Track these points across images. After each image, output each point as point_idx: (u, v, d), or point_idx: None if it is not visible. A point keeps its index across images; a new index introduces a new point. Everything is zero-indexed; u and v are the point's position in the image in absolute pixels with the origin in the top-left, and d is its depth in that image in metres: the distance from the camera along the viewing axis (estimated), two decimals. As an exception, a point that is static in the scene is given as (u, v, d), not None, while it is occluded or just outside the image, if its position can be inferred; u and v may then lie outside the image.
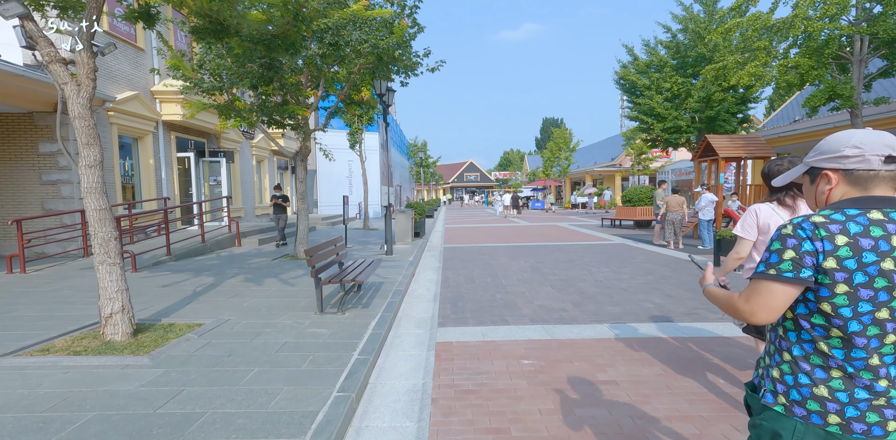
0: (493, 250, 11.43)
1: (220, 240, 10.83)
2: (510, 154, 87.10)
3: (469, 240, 14.06)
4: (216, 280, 7.02)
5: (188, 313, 5.09)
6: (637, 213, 16.49)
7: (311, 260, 4.93)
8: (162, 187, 11.91)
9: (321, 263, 5.37)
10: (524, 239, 14.04)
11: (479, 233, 16.10)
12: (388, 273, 7.73)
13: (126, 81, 10.70)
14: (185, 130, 13.02)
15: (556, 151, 38.98)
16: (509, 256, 10.27)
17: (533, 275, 7.90)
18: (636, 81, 19.00)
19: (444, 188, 78.68)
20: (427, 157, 44.34)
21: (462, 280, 7.60)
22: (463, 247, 12.28)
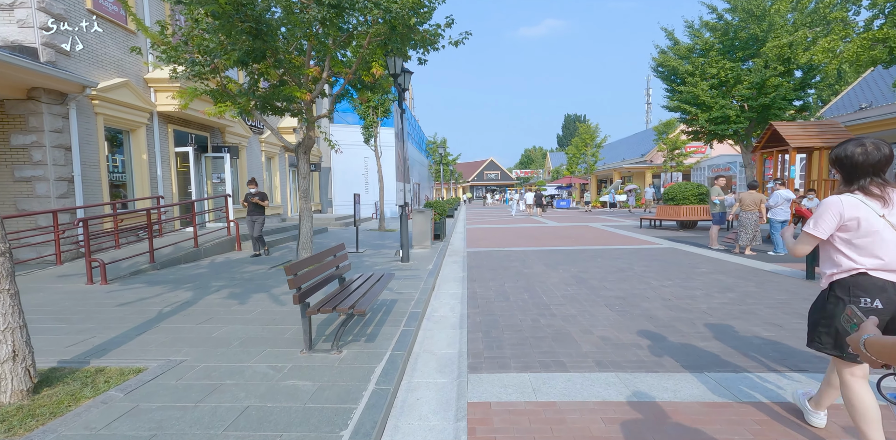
0: (523, 256, 9.99)
1: (218, 243, 9.67)
2: (531, 151, 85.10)
3: (495, 242, 12.64)
4: (193, 296, 5.78)
5: (135, 349, 3.83)
6: (681, 212, 14.80)
7: (295, 280, 3.60)
8: (157, 185, 10.83)
9: (310, 283, 4.05)
10: (556, 241, 12.55)
11: (504, 235, 14.66)
12: (404, 286, 6.39)
13: (114, 67, 9.62)
14: (184, 123, 11.94)
15: (581, 147, 37.17)
16: (545, 263, 8.82)
17: (580, 289, 6.45)
18: (677, 67, 17.25)
19: (464, 187, 77.29)
20: (447, 155, 42.98)
21: (493, 296, 6.20)
22: (489, 251, 10.87)
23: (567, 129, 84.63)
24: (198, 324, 4.53)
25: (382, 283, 4.76)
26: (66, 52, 8.41)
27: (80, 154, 8.61)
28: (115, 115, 9.49)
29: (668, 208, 15.34)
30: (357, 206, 10.10)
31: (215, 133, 13.42)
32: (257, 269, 7.84)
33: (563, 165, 51.24)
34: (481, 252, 10.75)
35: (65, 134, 8.31)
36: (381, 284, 4.71)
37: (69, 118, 8.37)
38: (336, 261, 4.80)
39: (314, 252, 8.62)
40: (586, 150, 36.97)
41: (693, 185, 15.12)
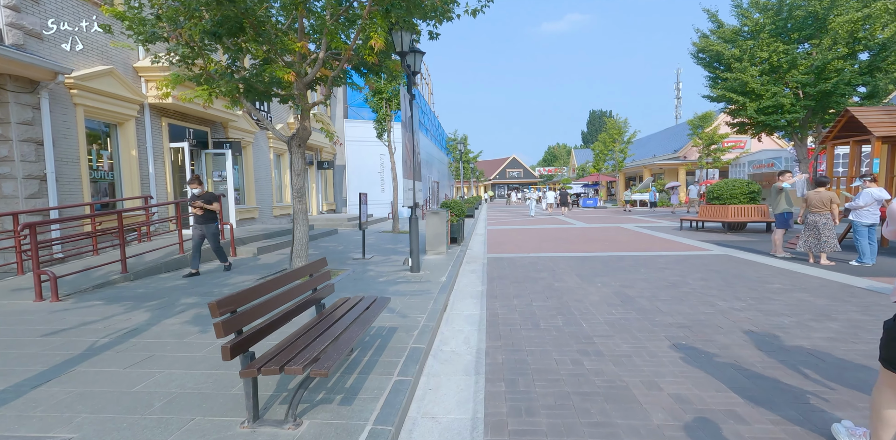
0: (552, 264, 8.70)
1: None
2: (555, 148, 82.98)
3: (519, 246, 11.36)
4: (148, 320, 4.72)
5: (10, 415, 2.74)
6: (729, 213, 13.20)
7: (229, 323, 2.43)
8: (150, 184, 9.94)
9: (262, 321, 2.89)
10: (588, 246, 11.18)
11: (529, 238, 13.35)
12: (409, 306, 5.21)
13: (97, 53, 8.72)
14: (181, 117, 11.04)
15: (609, 143, 35.36)
16: (578, 274, 7.51)
17: (627, 312, 5.15)
18: (722, 52, 15.57)
19: (486, 185, 75.83)
20: (467, 152, 41.70)
21: (518, 319, 4.96)
22: (512, 258, 9.60)
23: (592, 126, 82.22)
24: (126, 367, 3.43)
25: (373, 313, 3.58)
26: (38, 34, 7.51)
27: (54, 149, 7.72)
28: (98, 106, 8.60)
29: (713, 208, 13.74)
30: (363, 207, 8.98)
31: (217, 128, 12.51)
32: (242, 281, 6.78)
33: (589, 162, 49.35)
34: (503, 259, 9.49)
35: (36, 126, 7.42)
36: (371, 314, 3.54)
37: (41, 109, 7.48)
38: (314, 281, 3.64)
39: (314, 258, 7.55)
40: (614, 146, 35.14)
41: (742, 182, 13.49)
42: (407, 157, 6.87)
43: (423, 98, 28.13)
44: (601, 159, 37.11)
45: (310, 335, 3.08)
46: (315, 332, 3.14)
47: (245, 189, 14.04)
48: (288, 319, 3.10)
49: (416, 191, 7.22)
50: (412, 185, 7.13)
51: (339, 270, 7.53)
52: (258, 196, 14.48)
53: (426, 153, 27.44)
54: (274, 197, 15.76)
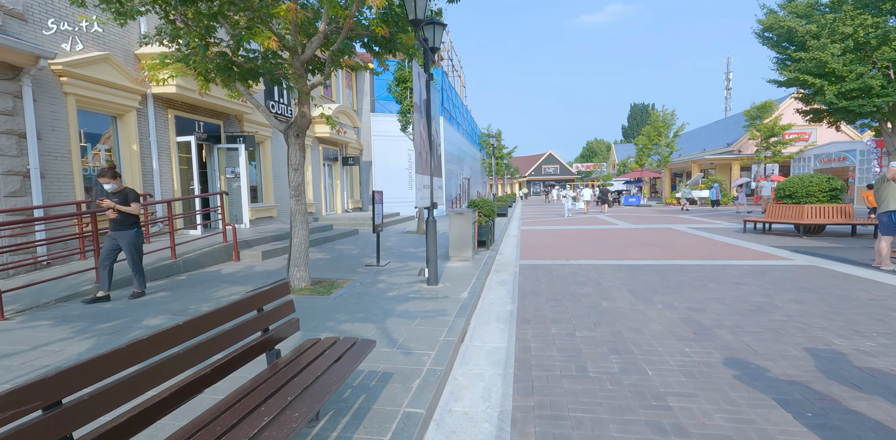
0: (596, 273, 7.35)
1: (209, 252, 7.85)
2: (594, 144, 79.93)
3: (556, 251, 10.01)
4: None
5: None
6: (805, 213, 11.34)
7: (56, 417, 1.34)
8: (154, 181, 9.23)
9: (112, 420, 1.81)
10: (638, 251, 9.70)
11: (568, 240, 11.95)
12: (415, 336, 4.05)
13: (92, 38, 8.01)
14: (189, 109, 10.30)
15: (654, 137, 33.04)
16: (630, 289, 6.16)
17: (707, 352, 3.81)
18: (795, 29, 13.56)
19: (520, 182, 73.93)
20: (501, 147, 40.19)
21: (558, 360, 3.72)
22: (548, 265, 8.30)
23: (633, 120, 78.71)
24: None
25: (344, 366, 2.44)
26: (20, 15, 6.81)
27: (39, 142, 7.03)
28: (93, 95, 7.89)
29: (783, 208, 11.90)
30: (378, 207, 7.91)
31: (231, 121, 11.76)
32: (231, 294, 5.82)
33: (631, 158, 46.84)
34: (539, 266, 8.20)
35: (17, 117, 6.72)
36: (342, 369, 2.40)
37: (22, 97, 6.78)
38: (261, 320, 2.53)
39: (320, 266, 6.57)
40: (660, 140, 32.80)
41: (821, 177, 11.58)
42: (421, 147, 5.70)
43: (455, 91, 26.94)
44: (644, 154, 34.80)
45: (241, 407, 1.97)
46: (250, 402, 2.03)
47: (263, 186, 13.30)
48: (211, 382, 2.01)
49: (433, 188, 6.05)
50: (428, 182, 5.96)
51: (343, 281, 6.48)
52: (277, 194, 13.72)
53: (457, 148, 26.26)
54: (295, 194, 14.98)
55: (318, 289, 5.92)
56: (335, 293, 5.73)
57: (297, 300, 5.38)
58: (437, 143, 6.59)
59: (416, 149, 5.57)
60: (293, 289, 5.90)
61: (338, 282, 6.37)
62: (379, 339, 4.01)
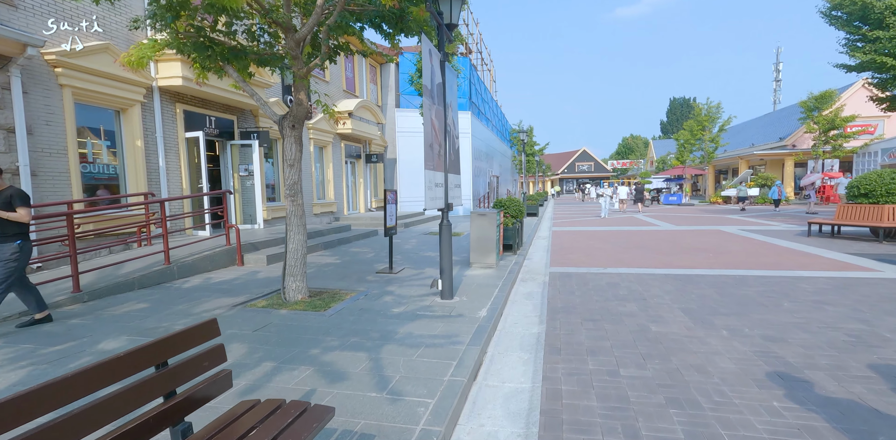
0: (640, 284, 6.30)
1: (212, 256, 7.25)
2: (630, 140, 77.00)
3: (592, 256, 8.96)
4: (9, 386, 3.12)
5: None
6: (884, 215, 9.83)
7: None
8: (160, 179, 8.75)
9: None
10: (687, 258, 8.53)
11: (604, 243, 10.84)
12: (413, 372, 3.21)
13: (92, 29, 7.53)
14: (200, 103, 9.80)
15: (697, 131, 31.00)
16: (684, 307, 5.11)
17: (808, 411, 2.79)
18: (870, 4, 11.90)
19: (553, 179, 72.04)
20: (532, 143, 38.86)
21: (598, 415, 2.80)
22: (583, 274, 7.29)
23: (673, 115, 75.35)
24: None
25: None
26: (9, 0, 6.35)
27: (30, 138, 6.58)
28: (92, 88, 7.42)
29: (858, 208, 10.39)
30: (391, 207, 7.11)
31: (245, 116, 11.24)
32: (218, 307, 5.13)
33: (671, 154, 44.58)
34: (572, 275, 7.21)
35: (5, 110, 6.28)
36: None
37: (11, 89, 6.32)
38: (160, 381, 1.72)
39: (304, 283, 5.87)
40: (703, 135, 30.74)
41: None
42: (433, 138, 4.83)
43: (484, 85, 25.95)
44: (686, 150, 32.75)
45: None
46: None
47: (280, 185, 12.76)
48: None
49: (447, 187, 5.17)
50: (441, 180, 5.09)
51: (347, 293, 5.71)
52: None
53: (486, 145, 25.28)
54: (315, 193, 14.44)
55: (316, 302, 5.17)
56: (333, 308, 4.96)
57: (287, 317, 4.63)
58: (453, 135, 5.71)
59: (425, 140, 4.71)
60: (287, 302, 5.18)
61: (340, 294, 5.60)
62: (367, 378, 3.19)
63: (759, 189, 26.62)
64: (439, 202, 5.15)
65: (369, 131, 17.17)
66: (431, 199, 4.86)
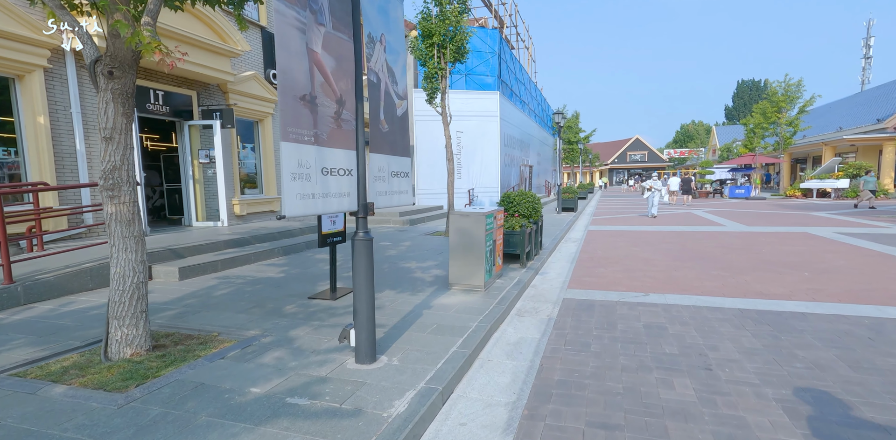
0: (701, 333, 3.85)
1: (97, 268, 5.44)
2: (689, 127, 70.82)
3: (630, 273, 6.48)
4: None
5: None
6: None
7: None
8: (77, 166, 7.09)
9: None
10: (770, 278, 5.88)
11: (650, 250, 8.24)
12: None
13: (-35, -30, 5.85)
14: (144, 73, 8.05)
15: (771, 114, 26.75)
16: (787, 401, 2.66)
17: None
18: None
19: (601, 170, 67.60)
20: (577, 129, 35.51)
21: None
22: (613, 304, 4.88)
23: (740, 99, 68.57)
24: None
25: None
26: None
27: None
28: (-36, 48, 5.75)
29: None
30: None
31: (211, 92, 9.44)
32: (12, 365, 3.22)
33: (738, 142, 39.82)
34: (595, 307, 4.82)
35: None
36: None
37: None
38: None
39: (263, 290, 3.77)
40: (779, 118, 26.46)
41: None
42: (315, 87, 2.61)
43: (519, 64, 23.22)
44: (757, 136, 28.50)
45: None
46: None
47: (263, 174, 11.00)
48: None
49: (360, 176, 2.96)
50: (340, 162, 2.89)
51: (222, 341, 3.67)
52: (281, 183, 11.36)
53: (520, 130, 22.62)
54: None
55: (146, 365, 3.15)
56: (155, 382, 2.91)
57: (44, 406, 2.64)
58: (391, 92, 3.48)
59: (284, 90, 2.51)
60: (107, 362, 3.20)
61: (208, 343, 3.56)
62: None
63: (850, 180, 22.37)
64: (326, 204, 2.92)
65: (379, 114, 15.11)
66: (302, 198, 2.65)
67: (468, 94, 17.63)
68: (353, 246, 3.19)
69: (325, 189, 2.80)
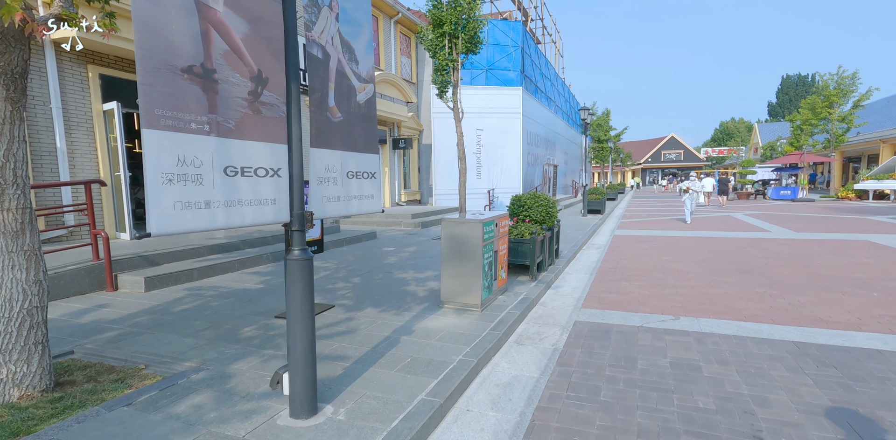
0: (748, 380, 2.96)
1: (61, 277, 4.95)
2: (729, 124, 67.46)
3: (659, 289, 5.56)
4: None
5: None
6: None
7: None
8: (58, 165, 6.70)
9: None
10: (830, 302, 4.87)
11: (682, 260, 7.24)
12: None
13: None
14: (128, 65, 7.63)
15: (821, 110, 24.71)
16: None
17: None
18: None
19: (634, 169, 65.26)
20: (607, 127, 34.03)
21: None
22: (634, 331, 4.01)
23: (784, 94, 64.91)
24: None
25: None
26: None
27: None
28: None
29: None
30: (304, 210, 4.30)
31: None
32: None
33: (782, 140, 37.42)
34: (612, 334, 3.96)
35: None
36: None
37: None
38: None
39: None
40: (830, 114, 24.41)
41: None
42: (209, 56, 1.93)
43: (545, 59, 22.17)
44: (805, 133, 26.44)
45: None
46: None
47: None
48: None
49: (294, 179, 2.27)
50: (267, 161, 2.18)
51: (148, 376, 3.05)
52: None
53: (545, 128, 21.58)
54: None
55: (28, 413, 2.54)
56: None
57: None
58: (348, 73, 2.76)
59: (150, 57, 1.83)
60: (-19, 404, 2.60)
61: (124, 382, 2.93)
62: None
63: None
64: (236, 213, 2.22)
65: (394, 111, 14.51)
66: (186, 208, 1.96)
67: (489, 90, 16.80)
68: (285, 267, 2.48)
69: (232, 195, 2.10)
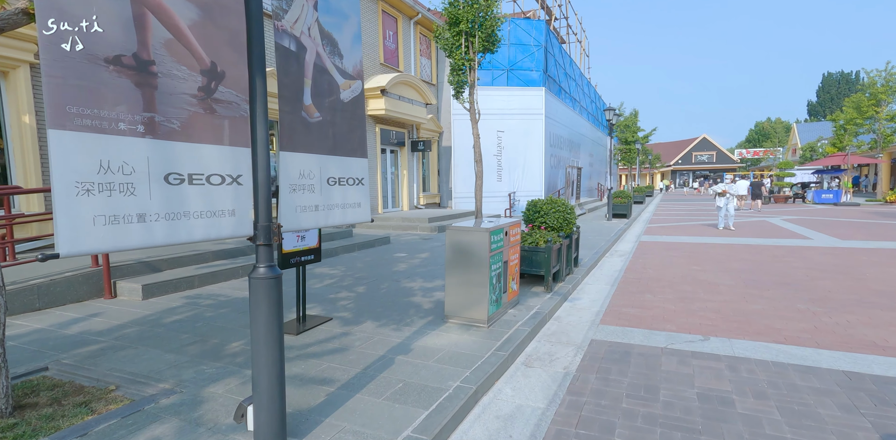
0: (795, 421, 2.50)
1: (54, 284, 4.85)
2: (765, 125, 64.74)
3: (688, 304, 5.09)
4: None
5: None
6: None
7: None
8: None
9: None
10: (884, 322, 4.29)
11: (716, 272, 6.68)
12: None
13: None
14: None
15: (866, 109, 23.27)
16: None
17: None
18: None
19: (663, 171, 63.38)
20: (635, 128, 33.02)
21: None
22: (657, 354, 3.58)
23: (825, 93, 61.95)
24: None
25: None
26: None
27: None
28: (-59, 44, 5.40)
29: None
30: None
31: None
32: None
33: (823, 140, 35.58)
34: (632, 356, 3.54)
35: None
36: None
37: None
38: None
39: None
40: (877, 113, 22.95)
41: None
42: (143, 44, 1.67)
43: (570, 58, 21.60)
44: (849, 133, 24.96)
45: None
46: None
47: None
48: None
49: (258, 187, 1.99)
50: (252, 163, 1.90)
51: (117, 400, 2.83)
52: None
53: (569, 130, 20.98)
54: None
55: (-21, 437, 2.33)
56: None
57: None
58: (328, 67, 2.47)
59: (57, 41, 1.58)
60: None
61: (87, 406, 2.71)
62: None
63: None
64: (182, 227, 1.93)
65: (413, 113, 14.27)
66: (112, 222, 1.69)
67: (510, 91, 16.40)
68: (249, 286, 2.20)
69: (175, 206, 1.82)
